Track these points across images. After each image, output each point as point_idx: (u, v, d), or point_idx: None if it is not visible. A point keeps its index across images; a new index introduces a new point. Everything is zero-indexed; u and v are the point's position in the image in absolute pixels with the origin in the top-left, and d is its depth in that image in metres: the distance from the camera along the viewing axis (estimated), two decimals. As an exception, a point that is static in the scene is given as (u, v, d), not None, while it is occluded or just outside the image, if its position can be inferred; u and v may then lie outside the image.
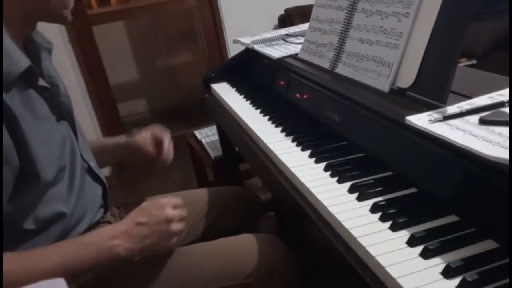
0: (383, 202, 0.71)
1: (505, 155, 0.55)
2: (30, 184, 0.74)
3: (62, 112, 0.86)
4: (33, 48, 0.84)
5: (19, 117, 0.71)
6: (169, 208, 0.82)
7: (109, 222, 0.95)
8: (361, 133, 0.90)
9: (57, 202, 0.80)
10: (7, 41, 0.72)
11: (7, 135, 0.69)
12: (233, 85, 1.47)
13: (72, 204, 0.83)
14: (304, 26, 1.51)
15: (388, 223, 0.65)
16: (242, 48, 1.54)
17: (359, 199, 0.73)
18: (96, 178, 0.94)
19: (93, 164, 0.94)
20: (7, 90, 0.71)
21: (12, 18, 0.75)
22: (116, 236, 0.77)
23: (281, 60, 1.26)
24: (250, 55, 1.50)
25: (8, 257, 0.71)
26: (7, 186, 0.71)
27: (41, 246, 0.78)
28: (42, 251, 0.75)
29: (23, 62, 0.73)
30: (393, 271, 0.56)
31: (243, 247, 0.92)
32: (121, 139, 1.11)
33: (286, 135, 1.03)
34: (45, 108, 0.79)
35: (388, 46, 0.89)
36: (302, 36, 1.34)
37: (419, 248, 0.59)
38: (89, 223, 0.89)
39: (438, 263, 0.56)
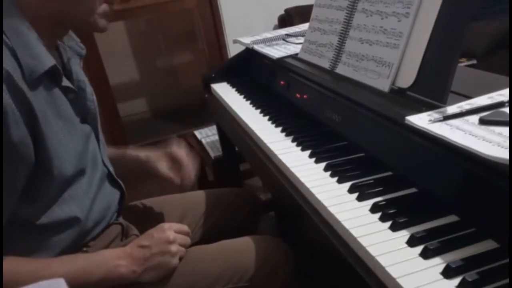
0: (383, 202, 0.70)
1: (505, 155, 0.55)
2: (44, 180, 0.76)
3: (87, 116, 0.87)
4: (64, 51, 0.86)
5: (40, 114, 0.72)
6: (170, 231, 0.85)
7: (121, 224, 0.96)
8: (361, 133, 0.90)
9: (72, 204, 0.81)
10: (33, 40, 0.73)
11: (25, 131, 0.70)
12: (233, 85, 1.47)
13: (86, 208, 0.84)
14: (304, 26, 1.51)
15: (388, 223, 0.65)
16: (242, 48, 1.54)
17: (359, 199, 0.73)
18: (114, 183, 0.95)
19: (112, 169, 0.94)
20: (33, 87, 0.72)
21: (39, 18, 0.75)
22: (120, 257, 0.80)
23: (281, 60, 1.26)
24: (250, 55, 1.50)
25: (18, 260, 0.72)
26: (18, 181, 0.72)
27: (57, 249, 0.80)
28: (52, 260, 0.77)
29: (48, 61, 0.74)
30: (393, 271, 0.56)
31: (245, 249, 0.92)
32: (141, 154, 1.09)
33: (286, 135, 1.03)
34: (68, 109, 0.81)
35: (388, 46, 0.89)
36: (302, 36, 1.34)
37: (419, 248, 0.59)
38: (104, 227, 0.90)
39: (438, 263, 0.56)
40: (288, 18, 2.63)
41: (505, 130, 0.62)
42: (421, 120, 0.71)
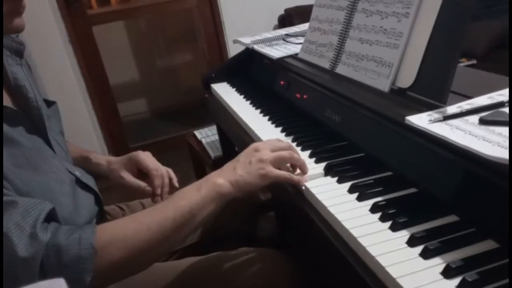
0: (383, 202, 0.70)
1: (505, 155, 0.55)
2: None
3: (34, 125, 0.78)
4: None
5: None
6: (257, 143, 0.82)
7: None
8: (361, 133, 0.90)
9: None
10: None
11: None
12: (233, 85, 1.47)
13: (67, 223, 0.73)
14: (304, 26, 1.51)
15: (388, 223, 0.65)
16: (242, 48, 1.54)
17: (359, 199, 0.73)
18: (85, 187, 0.87)
19: (79, 173, 0.86)
20: None
21: None
22: (215, 175, 0.77)
23: (281, 60, 1.26)
24: (250, 55, 1.50)
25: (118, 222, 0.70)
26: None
27: None
28: (155, 207, 0.74)
29: None
30: (393, 271, 0.56)
31: (241, 264, 0.89)
32: (103, 162, 1.02)
33: (286, 135, 1.03)
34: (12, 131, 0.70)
35: (388, 46, 0.89)
36: (302, 36, 1.34)
37: (419, 248, 0.59)
38: None
39: (438, 263, 0.56)
40: (288, 18, 2.63)
41: (505, 130, 0.62)
42: (421, 120, 0.71)
